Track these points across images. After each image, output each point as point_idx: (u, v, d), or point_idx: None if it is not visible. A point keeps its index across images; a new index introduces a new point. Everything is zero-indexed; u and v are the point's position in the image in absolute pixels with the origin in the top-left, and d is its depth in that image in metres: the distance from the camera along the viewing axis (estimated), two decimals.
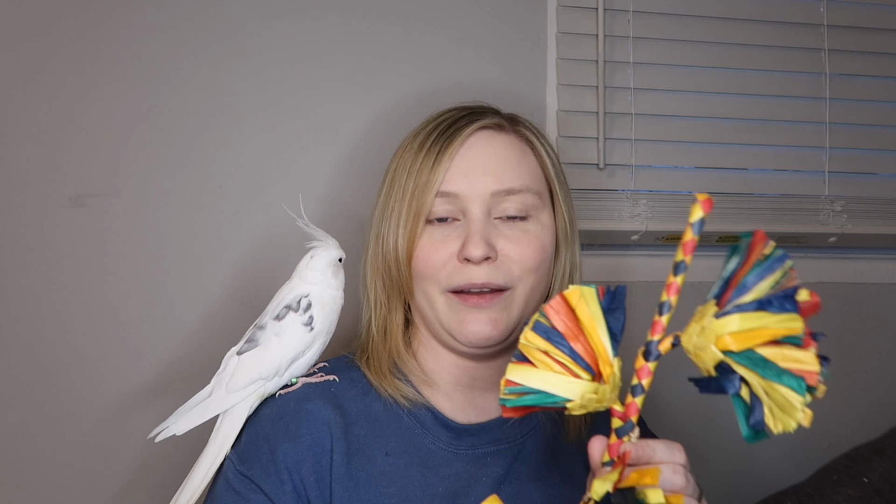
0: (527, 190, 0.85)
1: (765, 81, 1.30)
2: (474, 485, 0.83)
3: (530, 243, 0.84)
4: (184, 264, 1.12)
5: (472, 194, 0.83)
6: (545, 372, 0.62)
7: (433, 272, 0.84)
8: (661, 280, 0.66)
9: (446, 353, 0.88)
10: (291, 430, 0.81)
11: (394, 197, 0.86)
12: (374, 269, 0.89)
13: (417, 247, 0.84)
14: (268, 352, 0.82)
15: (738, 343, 0.58)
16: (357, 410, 0.84)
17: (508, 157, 0.86)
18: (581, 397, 0.62)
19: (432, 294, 0.85)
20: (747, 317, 0.58)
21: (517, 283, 0.84)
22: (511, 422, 0.88)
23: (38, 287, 1.09)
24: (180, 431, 0.82)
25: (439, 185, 0.83)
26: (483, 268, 0.82)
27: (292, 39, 1.17)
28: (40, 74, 1.09)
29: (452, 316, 0.84)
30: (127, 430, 1.09)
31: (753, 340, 0.57)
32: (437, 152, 0.84)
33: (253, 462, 0.80)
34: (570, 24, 1.24)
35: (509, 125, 0.88)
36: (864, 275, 1.36)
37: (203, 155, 1.14)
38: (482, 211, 0.83)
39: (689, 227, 0.62)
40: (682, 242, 0.63)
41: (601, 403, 0.63)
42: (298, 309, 0.83)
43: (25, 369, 1.08)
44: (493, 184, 0.84)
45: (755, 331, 0.57)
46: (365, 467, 0.81)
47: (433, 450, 0.84)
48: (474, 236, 0.82)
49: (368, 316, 0.90)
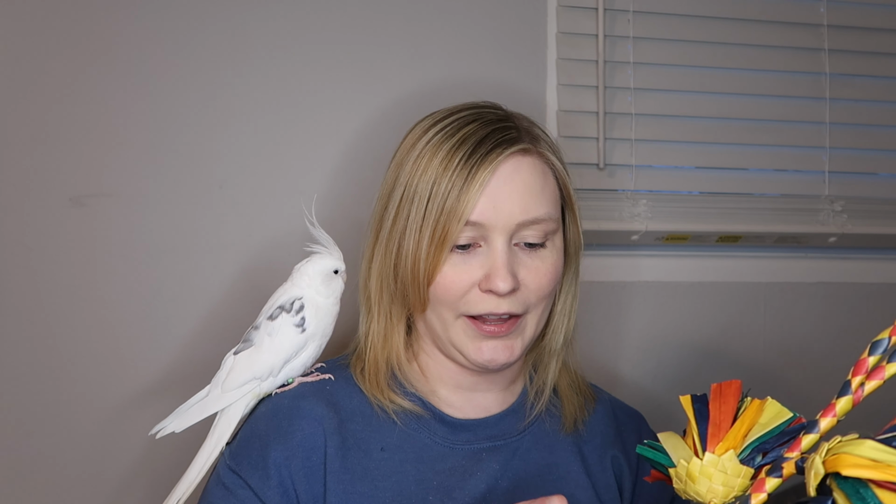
0: (549, 218, 0.84)
1: (765, 81, 1.30)
2: (468, 479, 0.83)
3: (547, 272, 0.84)
4: (184, 264, 1.12)
5: (497, 224, 0.81)
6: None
7: (454, 300, 0.82)
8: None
9: (449, 363, 0.88)
10: (284, 427, 0.82)
11: (414, 212, 0.82)
12: (381, 280, 0.86)
13: (440, 274, 0.82)
14: (261, 352, 0.83)
15: (851, 468, 0.50)
16: (353, 407, 0.85)
17: (534, 183, 0.83)
18: (678, 463, 0.64)
19: (447, 318, 0.84)
20: (883, 448, 0.51)
21: (531, 309, 0.84)
22: (508, 418, 0.89)
23: (38, 287, 1.09)
24: (179, 429, 0.84)
25: (469, 215, 0.80)
26: (506, 300, 0.81)
27: (292, 39, 1.17)
28: (40, 74, 1.09)
29: (468, 341, 0.84)
30: (128, 429, 1.09)
31: (872, 472, 0.50)
32: (466, 178, 0.80)
33: (242, 458, 0.81)
34: (570, 24, 1.24)
35: (533, 147, 0.85)
36: (864, 275, 1.36)
37: (203, 155, 1.14)
38: (506, 241, 0.82)
39: None
40: None
41: (686, 483, 0.64)
42: (291, 310, 0.84)
43: (25, 369, 1.08)
44: (520, 214, 0.82)
45: (881, 464, 0.50)
46: (360, 461, 0.81)
47: (428, 444, 0.84)
48: (500, 270, 0.80)
49: (369, 325, 0.89)
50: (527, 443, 0.88)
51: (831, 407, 0.57)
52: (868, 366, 0.56)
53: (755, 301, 1.32)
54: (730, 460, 0.62)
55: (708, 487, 0.62)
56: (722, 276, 1.31)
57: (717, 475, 0.62)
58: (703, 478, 0.62)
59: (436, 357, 0.89)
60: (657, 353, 1.28)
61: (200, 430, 0.85)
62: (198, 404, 0.85)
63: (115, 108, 1.11)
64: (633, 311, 1.27)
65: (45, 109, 1.09)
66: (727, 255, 1.32)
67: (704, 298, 1.29)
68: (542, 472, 0.87)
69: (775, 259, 1.34)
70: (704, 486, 0.62)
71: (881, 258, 1.37)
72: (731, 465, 0.62)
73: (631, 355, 1.27)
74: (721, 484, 0.62)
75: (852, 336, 1.34)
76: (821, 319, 1.33)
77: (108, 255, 1.10)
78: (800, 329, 1.32)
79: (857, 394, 0.56)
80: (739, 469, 0.62)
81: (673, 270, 1.29)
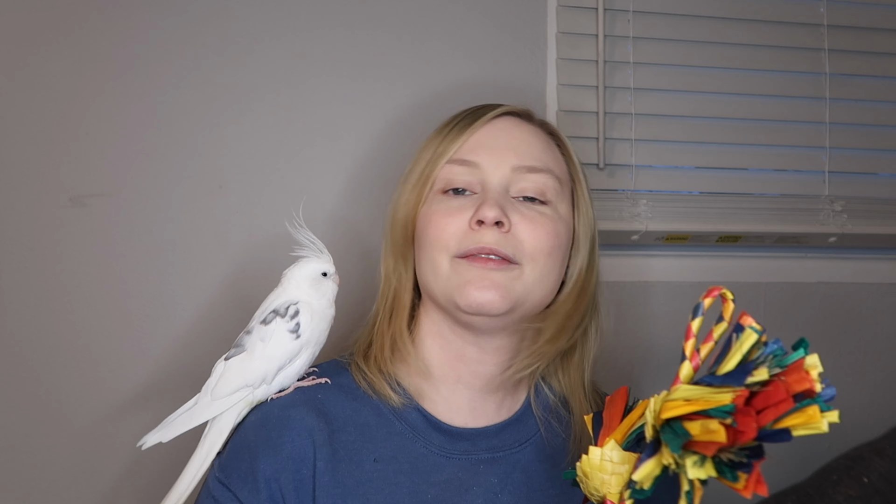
0: (548, 171, 0.84)
1: (765, 81, 1.30)
2: (465, 494, 0.81)
3: (545, 225, 0.83)
4: (184, 264, 1.12)
5: (492, 166, 0.83)
6: None
7: (444, 239, 0.83)
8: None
9: (451, 336, 0.85)
10: (273, 438, 0.79)
11: (413, 172, 0.87)
12: (387, 242, 0.89)
13: (431, 213, 0.84)
14: (253, 358, 0.80)
15: (668, 410, 0.59)
16: (345, 416, 0.82)
17: (533, 140, 0.86)
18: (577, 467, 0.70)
19: (439, 261, 0.83)
20: (692, 388, 0.60)
21: (526, 262, 0.82)
22: (509, 429, 0.86)
23: (37, 287, 1.08)
24: (166, 439, 0.81)
25: (453, 153, 0.84)
26: (494, 233, 0.81)
27: (292, 40, 1.17)
28: (40, 74, 1.09)
29: (457, 279, 0.81)
30: (129, 427, 1.09)
31: (683, 409, 0.58)
32: (460, 129, 0.85)
33: (232, 470, 0.79)
34: (570, 24, 1.24)
35: (536, 118, 0.89)
36: (864, 275, 1.36)
37: (203, 155, 1.14)
38: (500, 183, 0.83)
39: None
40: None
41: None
42: (286, 315, 0.81)
43: (25, 369, 1.08)
44: (515, 159, 0.83)
45: (693, 401, 0.58)
46: (353, 473, 0.79)
47: (424, 454, 0.82)
48: (489, 200, 0.81)
49: (380, 292, 0.90)
50: (528, 455, 0.85)
51: (677, 378, 0.63)
52: (693, 330, 0.63)
53: (755, 301, 1.32)
54: (612, 449, 0.67)
55: (601, 480, 0.67)
56: (722, 276, 1.31)
57: (605, 465, 0.67)
58: (594, 472, 0.67)
59: (435, 331, 0.87)
60: (657, 354, 1.27)
61: (192, 441, 0.83)
62: (186, 413, 0.81)
63: (115, 108, 1.11)
64: (632, 311, 1.27)
65: (45, 109, 1.09)
66: (727, 255, 1.32)
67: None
68: (545, 486, 0.84)
69: (775, 259, 1.33)
70: (598, 480, 0.67)
71: (881, 258, 1.37)
72: (615, 453, 0.67)
73: (631, 355, 1.27)
74: (610, 473, 0.67)
75: (852, 336, 1.35)
76: (821, 319, 1.33)
77: (107, 255, 1.10)
78: (800, 329, 1.32)
79: (693, 360, 0.62)
80: (624, 455, 0.67)
81: (673, 270, 1.29)
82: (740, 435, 0.55)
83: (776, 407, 0.57)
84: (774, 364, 0.59)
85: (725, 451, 0.56)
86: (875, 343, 1.36)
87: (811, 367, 0.59)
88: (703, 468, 0.55)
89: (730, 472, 0.56)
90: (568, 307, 0.87)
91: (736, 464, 0.56)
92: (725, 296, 0.63)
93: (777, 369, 0.59)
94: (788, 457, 1.30)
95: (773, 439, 0.57)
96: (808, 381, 0.58)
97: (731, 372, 0.59)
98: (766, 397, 0.57)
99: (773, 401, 0.57)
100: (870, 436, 1.25)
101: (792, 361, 0.59)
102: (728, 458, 0.56)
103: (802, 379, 0.58)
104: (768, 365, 0.59)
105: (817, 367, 0.59)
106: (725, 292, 0.63)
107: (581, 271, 0.89)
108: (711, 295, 0.63)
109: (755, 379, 0.57)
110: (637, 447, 0.67)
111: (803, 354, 0.59)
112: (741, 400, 0.56)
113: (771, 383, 0.58)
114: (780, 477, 1.27)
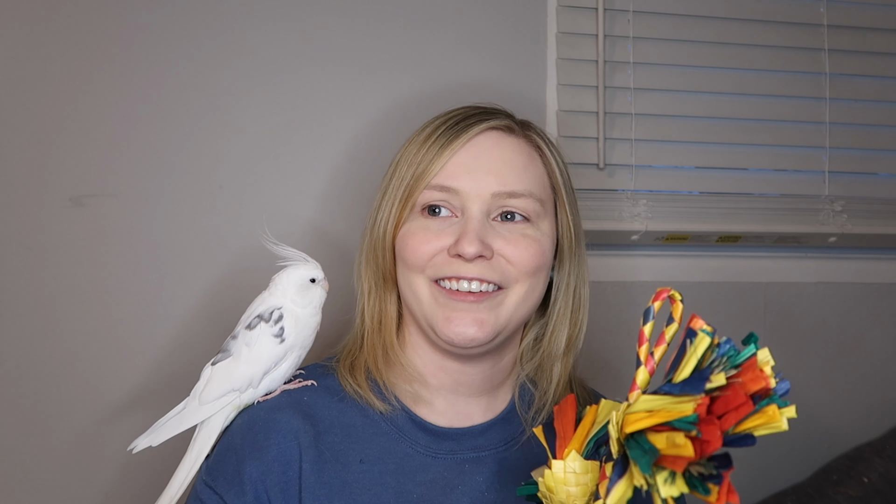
0: (529, 195, 0.83)
1: (765, 81, 1.30)
2: (450, 493, 0.81)
3: (529, 246, 0.83)
4: (183, 264, 1.12)
5: (472, 192, 0.82)
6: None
7: (421, 263, 0.82)
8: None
9: (432, 354, 0.86)
10: (259, 441, 0.80)
11: (392, 186, 0.85)
12: (366, 257, 0.88)
13: (410, 235, 0.83)
14: (239, 363, 0.81)
15: (632, 424, 0.58)
16: (331, 418, 0.82)
17: (514, 160, 0.84)
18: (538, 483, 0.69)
19: (417, 284, 0.83)
20: (653, 398, 0.59)
21: (512, 285, 0.83)
22: (494, 428, 0.86)
23: (37, 287, 1.09)
24: (156, 443, 0.82)
25: (434, 175, 0.82)
26: (476, 264, 0.80)
27: (292, 40, 1.17)
28: (40, 74, 1.09)
29: (438, 310, 0.82)
30: (130, 427, 1.08)
31: (646, 421, 0.57)
32: (441, 145, 0.83)
33: (218, 473, 0.80)
34: (570, 24, 1.24)
35: (520, 129, 0.87)
36: (864, 275, 1.36)
37: (203, 155, 1.14)
38: (481, 210, 0.82)
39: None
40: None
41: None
42: (269, 320, 0.82)
43: (24, 369, 1.08)
44: (496, 184, 0.82)
45: (655, 412, 0.57)
46: (339, 475, 0.79)
47: (410, 454, 0.82)
48: (469, 233, 0.80)
49: (362, 305, 0.89)
50: (515, 455, 0.85)
51: (634, 384, 0.63)
52: (646, 334, 0.63)
53: (755, 301, 1.32)
54: (574, 460, 0.66)
55: (566, 493, 0.66)
56: (722, 276, 1.31)
57: (569, 477, 0.66)
58: (559, 485, 0.66)
59: (420, 348, 0.87)
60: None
61: (182, 444, 0.83)
62: (175, 417, 0.82)
63: (115, 108, 1.11)
64: (633, 311, 1.27)
65: (46, 109, 1.09)
66: (727, 255, 1.32)
67: (704, 298, 1.29)
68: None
69: (775, 259, 1.34)
70: (563, 493, 0.66)
71: (881, 258, 1.37)
72: (577, 463, 0.66)
73: (630, 356, 1.27)
74: (575, 485, 0.66)
75: (852, 336, 1.35)
76: (821, 319, 1.33)
77: (107, 255, 1.10)
78: (800, 329, 1.32)
79: (648, 364, 0.63)
80: (586, 465, 0.66)
81: (673, 270, 1.29)
82: (707, 445, 0.55)
83: (737, 411, 0.56)
84: (729, 365, 0.59)
85: (695, 465, 0.56)
86: (875, 343, 1.36)
87: (763, 363, 0.58)
88: (675, 485, 0.54)
89: (701, 485, 0.55)
90: (555, 317, 0.89)
91: (706, 476, 0.56)
92: (674, 297, 0.63)
93: (732, 370, 0.59)
94: (789, 457, 1.31)
95: (738, 444, 0.57)
96: (763, 378, 0.58)
97: (688, 379, 0.58)
98: (725, 402, 0.57)
99: (732, 405, 0.56)
100: (870, 436, 1.25)
101: (745, 359, 0.59)
102: (698, 472, 0.56)
103: (758, 377, 0.58)
104: (724, 367, 0.59)
105: (769, 362, 0.59)
106: (674, 294, 0.63)
107: (569, 287, 0.89)
108: (660, 297, 0.63)
109: (713, 385, 0.57)
110: (596, 454, 0.66)
111: (754, 350, 0.59)
112: (703, 408, 0.56)
113: (729, 387, 0.57)
114: (781, 477, 1.27)
